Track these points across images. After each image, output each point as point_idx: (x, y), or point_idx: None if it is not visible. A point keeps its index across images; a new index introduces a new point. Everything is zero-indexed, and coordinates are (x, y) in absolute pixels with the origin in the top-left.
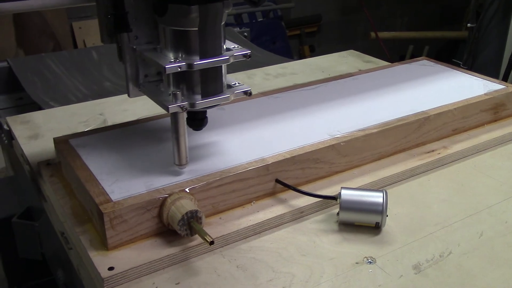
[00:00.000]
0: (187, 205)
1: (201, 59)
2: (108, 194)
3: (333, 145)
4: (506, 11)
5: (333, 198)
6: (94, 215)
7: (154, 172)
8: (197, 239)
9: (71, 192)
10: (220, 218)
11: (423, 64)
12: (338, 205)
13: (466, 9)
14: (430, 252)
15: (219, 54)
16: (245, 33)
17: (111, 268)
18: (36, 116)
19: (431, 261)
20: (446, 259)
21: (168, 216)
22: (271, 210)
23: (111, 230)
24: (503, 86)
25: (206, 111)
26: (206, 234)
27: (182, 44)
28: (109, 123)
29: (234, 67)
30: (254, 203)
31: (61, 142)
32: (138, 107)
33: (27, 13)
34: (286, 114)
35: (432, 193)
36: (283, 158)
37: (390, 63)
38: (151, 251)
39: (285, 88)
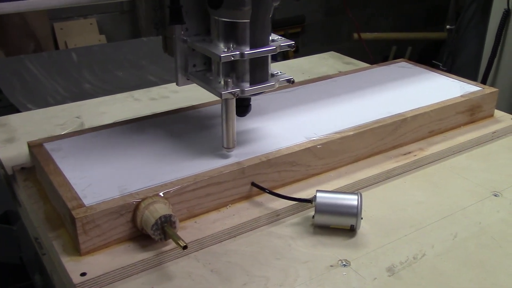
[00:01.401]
0: (161, 209)
1: (251, 49)
2: (81, 199)
3: (309, 148)
4: (484, 13)
5: (309, 201)
6: (67, 220)
7: (128, 176)
8: (171, 244)
9: (45, 197)
10: (195, 222)
11: (402, 66)
12: (313, 208)
13: (448, 10)
14: (404, 254)
15: (267, 44)
16: None
17: (83, 274)
18: (13, 119)
19: (405, 263)
20: (420, 261)
21: (142, 220)
22: (247, 214)
23: (83, 235)
24: (479, 88)
25: (250, 98)
26: (179, 238)
27: (234, 35)
28: (86, 126)
29: None
30: (229, 206)
31: (35, 146)
32: (116, 109)
33: (7, 14)
34: (264, 117)
35: (407, 195)
36: (259, 161)
37: (369, 65)
38: (124, 256)
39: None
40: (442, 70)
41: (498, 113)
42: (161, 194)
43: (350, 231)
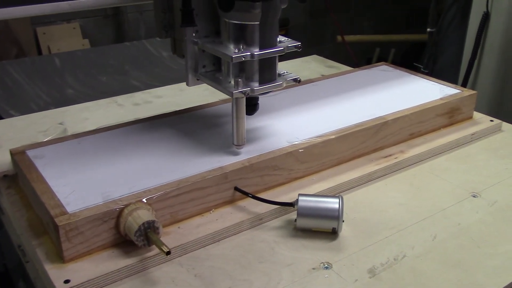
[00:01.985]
0: (144, 215)
1: (260, 49)
2: (64, 206)
3: (291, 152)
4: (464, 16)
5: (291, 204)
6: (50, 227)
7: (111, 182)
8: (155, 249)
9: (28, 204)
10: (178, 227)
11: (383, 70)
12: (296, 212)
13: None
14: (385, 255)
15: (275, 45)
16: None
17: (67, 281)
18: None
19: (385, 265)
20: (400, 262)
21: (125, 227)
22: (230, 218)
23: (67, 242)
24: (459, 91)
25: (258, 97)
26: (163, 244)
27: (244, 37)
28: (69, 132)
29: None
30: (213, 211)
31: (18, 154)
32: (99, 115)
33: None
34: (248, 121)
35: (388, 197)
36: (242, 166)
37: (351, 69)
38: (108, 262)
39: None
40: (423, 73)
41: (477, 115)
42: (144, 200)
43: (332, 234)
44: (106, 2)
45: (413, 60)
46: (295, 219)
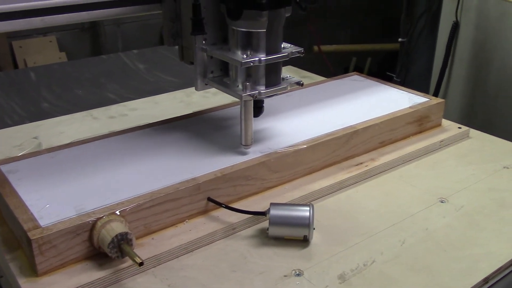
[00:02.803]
0: (117, 227)
1: (267, 55)
2: (37, 220)
3: (263, 162)
4: (434, 26)
5: (263, 213)
6: (23, 241)
7: (85, 195)
8: (129, 261)
9: (1, 219)
10: (152, 238)
11: (354, 79)
12: (268, 220)
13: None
14: (355, 261)
15: (280, 51)
16: None
17: None
18: None
19: (355, 270)
20: (370, 267)
21: (99, 239)
22: (204, 228)
23: (40, 256)
24: (427, 99)
25: (263, 100)
26: (135, 255)
27: (251, 43)
28: (44, 146)
29: (177, 86)
30: (187, 221)
31: None
32: (74, 129)
33: None
34: (219, 132)
35: (359, 204)
36: (215, 176)
37: (325, 79)
38: (82, 275)
39: (221, 107)
40: (396, 81)
41: (445, 122)
42: (117, 212)
43: (304, 242)
44: (80, 17)
45: (389, 68)
46: (267, 228)
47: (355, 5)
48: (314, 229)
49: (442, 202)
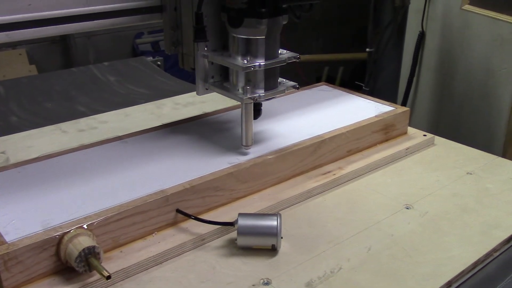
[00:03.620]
0: (84, 241)
1: (266, 60)
2: (2, 236)
3: (232, 173)
4: (400, 36)
5: (231, 224)
6: None
7: (52, 210)
8: (97, 275)
9: None
10: (121, 251)
11: (322, 90)
12: (236, 231)
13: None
14: (322, 269)
15: (277, 56)
16: (159, 62)
17: None
18: None
19: (322, 278)
20: (336, 274)
21: (66, 253)
22: (172, 240)
23: (6, 272)
24: (392, 108)
25: (261, 103)
26: (103, 269)
27: (251, 49)
28: (12, 161)
29: (148, 98)
30: (155, 234)
31: None
32: (43, 143)
33: None
34: (189, 145)
35: (327, 213)
36: (183, 188)
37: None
38: None
39: (190, 119)
40: (364, 91)
41: (411, 130)
42: (84, 226)
43: (272, 251)
44: (50, 31)
45: (361, 78)
46: (236, 238)
47: (327, 15)
48: (282, 238)
49: (407, 208)
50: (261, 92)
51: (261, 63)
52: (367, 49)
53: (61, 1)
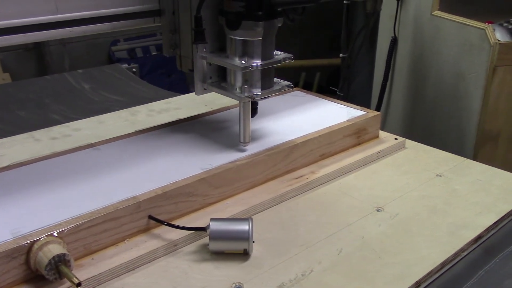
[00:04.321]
0: (54, 249)
1: (262, 61)
2: None
3: (204, 178)
4: (372, 41)
5: (203, 229)
6: None
7: (22, 218)
8: (67, 283)
9: None
10: (92, 258)
11: (295, 95)
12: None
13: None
14: (294, 272)
15: (273, 57)
16: (134, 69)
17: None
18: None
19: (294, 281)
20: (308, 277)
21: (36, 262)
22: (145, 246)
23: None
24: (364, 112)
25: (258, 102)
26: (73, 276)
27: (248, 51)
28: None
29: (123, 105)
30: (127, 240)
31: None
32: (15, 151)
33: None
34: (162, 150)
35: (300, 216)
36: (155, 194)
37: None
38: None
39: (163, 125)
40: (339, 96)
41: (382, 134)
42: (55, 234)
43: (244, 255)
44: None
45: (338, 83)
46: (208, 243)
47: (303, 21)
48: (253, 242)
49: (378, 211)
50: (258, 91)
51: (258, 64)
52: (341, 55)
53: (32, 9)
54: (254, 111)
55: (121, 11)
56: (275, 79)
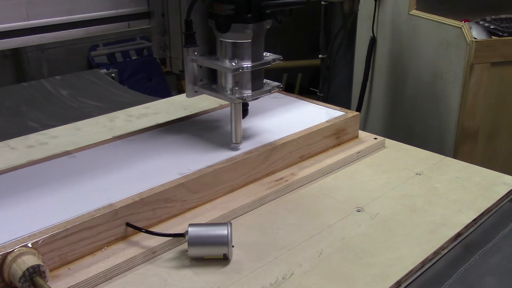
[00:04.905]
0: (28, 260)
1: (252, 62)
2: None
3: (182, 183)
4: (350, 42)
5: (181, 235)
6: None
7: None
8: None
9: None
10: (69, 268)
11: (274, 97)
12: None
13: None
14: (274, 275)
15: (263, 58)
16: (113, 74)
17: None
18: None
19: (274, 284)
20: (288, 280)
21: (10, 274)
22: (123, 254)
23: None
24: (343, 113)
25: (248, 103)
26: (48, 287)
27: (238, 53)
28: None
29: (102, 111)
30: (105, 249)
31: None
32: None
33: None
34: (139, 156)
35: (280, 219)
36: (132, 201)
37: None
38: None
39: (141, 130)
40: (319, 97)
41: (362, 134)
42: (29, 244)
43: (224, 260)
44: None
45: (318, 84)
46: (187, 249)
47: (284, 22)
48: (233, 246)
49: (358, 211)
50: (248, 92)
51: (248, 65)
52: (320, 56)
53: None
54: (245, 112)
55: (94, 16)
56: (264, 80)
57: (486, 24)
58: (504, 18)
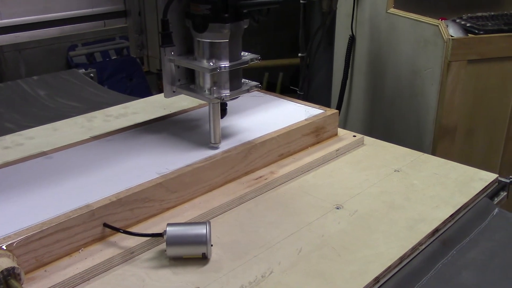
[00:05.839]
0: (3, 263)
1: (230, 62)
2: None
3: (160, 183)
4: (329, 40)
5: (160, 235)
6: None
7: None
8: None
9: None
10: (45, 270)
11: (254, 95)
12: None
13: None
14: (253, 274)
15: (240, 58)
16: (91, 74)
17: None
18: None
19: (253, 283)
20: (268, 278)
21: None
22: (100, 255)
23: None
24: (322, 111)
25: (227, 103)
26: None
27: (215, 52)
28: None
29: (80, 111)
30: (82, 250)
31: None
32: None
33: None
34: (117, 157)
35: (259, 217)
36: (110, 201)
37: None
38: None
39: (119, 130)
40: (299, 95)
41: (341, 131)
42: (3, 247)
43: (203, 259)
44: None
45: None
46: (166, 249)
47: (264, 21)
48: (212, 245)
49: (337, 208)
50: (226, 92)
51: (226, 65)
52: (300, 54)
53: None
54: (223, 112)
55: (69, 15)
56: (243, 80)
57: (462, 22)
58: (480, 16)
